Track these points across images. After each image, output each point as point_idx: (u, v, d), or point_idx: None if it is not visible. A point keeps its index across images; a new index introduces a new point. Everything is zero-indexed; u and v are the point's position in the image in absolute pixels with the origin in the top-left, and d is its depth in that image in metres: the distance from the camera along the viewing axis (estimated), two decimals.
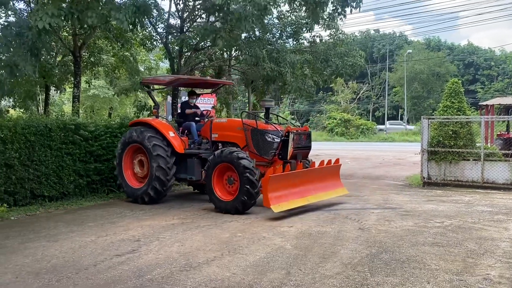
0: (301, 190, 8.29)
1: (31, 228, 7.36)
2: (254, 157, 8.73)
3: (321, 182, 8.87)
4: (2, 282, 4.75)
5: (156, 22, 14.28)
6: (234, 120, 9.95)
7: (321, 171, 8.99)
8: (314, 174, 8.80)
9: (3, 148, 8.71)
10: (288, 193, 8.00)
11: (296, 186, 8.21)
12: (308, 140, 8.96)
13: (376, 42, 60.45)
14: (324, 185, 8.93)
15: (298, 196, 8.18)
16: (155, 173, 9.16)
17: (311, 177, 8.66)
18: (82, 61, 15.89)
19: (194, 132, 9.86)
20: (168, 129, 9.69)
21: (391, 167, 17.02)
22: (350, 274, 4.81)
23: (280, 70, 13.38)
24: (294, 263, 5.23)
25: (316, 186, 8.68)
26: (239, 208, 8.09)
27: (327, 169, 9.14)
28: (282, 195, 7.87)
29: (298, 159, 8.64)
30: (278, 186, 7.79)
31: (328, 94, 55.03)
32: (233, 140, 9.23)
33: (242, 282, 4.60)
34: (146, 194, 9.32)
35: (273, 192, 7.68)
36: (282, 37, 15.41)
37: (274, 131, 8.78)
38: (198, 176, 9.37)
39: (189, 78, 10.95)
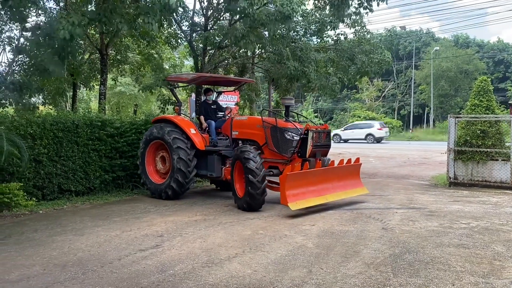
0: (319, 188, 8.27)
1: (58, 222, 7.56)
2: (273, 155, 8.85)
3: (340, 181, 8.80)
4: (30, 273, 4.90)
5: (181, 20, 14.42)
6: (254, 117, 9.94)
7: (340, 170, 8.89)
8: (333, 173, 8.71)
9: (32, 144, 8.97)
10: (305, 191, 7.98)
11: (314, 185, 8.19)
12: (327, 139, 8.88)
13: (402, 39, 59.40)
14: (343, 184, 8.84)
15: (316, 195, 8.15)
16: (176, 165, 9.30)
17: (329, 175, 8.59)
18: (109, 59, 16.18)
19: (212, 131, 9.90)
20: (189, 125, 9.83)
21: (416, 166, 16.72)
22: (373, 274, 4.76)
23: (304, 69, 13.31)
24: (316, 261, 5.21)
25: (335, 185, 8.63)
26: (245, 207, 8.26)
27: (346, 168, 9.03)
28: (299, 193, 7.87)
29: (317, 158, 8.58)
30: (295, 184, 7.80)
31: (352, 92, 54.47)
32: (253, 138, 9.28)
33: (263, 280, 4.62)
34: (169, 187, 9.47)
35: (290, 189, 7.70)
36: (306, 35, 15.30)
37: (293, 129, 8.77)
38: (218, 173, 9.53)
39: (211, 76, 11.01)
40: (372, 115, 45.56)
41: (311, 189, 8.11)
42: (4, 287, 4.49)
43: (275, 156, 8.91)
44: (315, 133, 8.54)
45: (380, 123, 36.56)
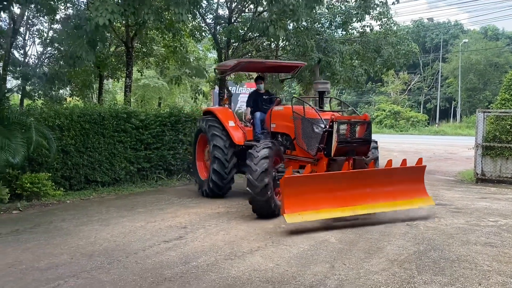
0: (344, 196, 6.56)
1: (84, 212, 7.74)
2: (302, 152, 7.78)
3: (387, 187, 6.88)
4: (58, 262, 5.03)
5: (205, 13, 14.45)
6: (289, 107, 8.22)
7: (388, 174, 7.04)
8: (373, 177, 6.88)
9: (60, 135, 9.18)
10: (318, 199, 6.36)
11: (336, 191, 6.52)
12: (367, 132, 7.27)
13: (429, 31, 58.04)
14: (393, 191, 6.93)
15: (337, 204, 6.49)
16: (212, 165, 8.69)
17: (364, 180, 6.76)
18: (134, 51, 16.36)
19: (257, 124, 8.81)
20: (228, 118, 8.93)
21: (442, 162, 16.39)
22: (396, 271, 4.70)
23: (329, 59, 13.16)
24: (338, 257, 5.18)
25: (376, 193, 6.80)
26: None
27: (397, 171, 7.13)
28: (306, 202, 6.27)
29: (350, 157, 7.11)
30: (300, 190, 6.27)
31: (377, 85, 53.61)
32: (286, 131, 8.31)
33: (285, 274, 4.62)
34: (207, 186, 8.93)
35: (291, 197, 6.20)
36: (331, 27, 15.12)
37: (319, 120, 7.35)
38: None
39: (250, 61, 9.77)
40: (397, 108, 44.79)
41: (328, 196, 6.44)
42: (34, 274, 4.63)
43: (303, 154, 7.75)
44: (344, 124, 7.04)
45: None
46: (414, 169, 7.26)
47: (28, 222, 6.99)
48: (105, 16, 7.59)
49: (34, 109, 9.59)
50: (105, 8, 7.59)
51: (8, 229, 6.50)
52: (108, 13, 7.60)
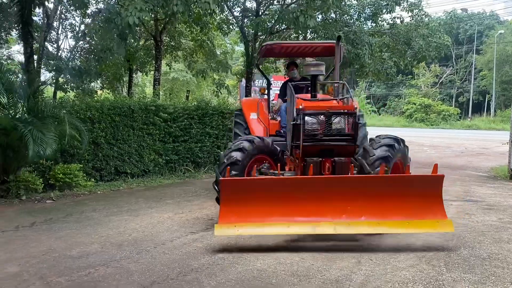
0: (303, 208, 5.16)
1: (115, 202, 7.93)
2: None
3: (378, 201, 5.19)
4: (89, 251, 5.19)
5: (233, 6, 14.45)
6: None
7: (379, 183, 5.28)
8: (350, 186, 5.26)
9: (91, 127, 9.41)
10: (265, 209, 5.14)
11: (290, 201, 5.15)
12: (349, 126, 5.76)
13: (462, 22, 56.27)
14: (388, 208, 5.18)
15: (290, 217, 5.15)
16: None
17: (338, 190, 5.20)
18: (163, 45, 16.55)
19: (282, 115, 7.65)
20: (251, 110, 8.04)
21: (474, 157, 15.96)
22: (424, 268, 4.62)
23: (358, 51, 12.96)
24: (365, 252, 5.13)
25: (357, 207, 5.18)
26: None
27: (400, 180, 5.41)
28: (249, 211, 5.14)
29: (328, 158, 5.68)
30: (243, 196, 5.15)
31: (408, 78, 52.47)
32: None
33: (311, 268, 4.61)
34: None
35: (230, 204, 5.14)
36: (360, 18, 14.87)
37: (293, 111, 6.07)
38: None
39: (276, 44, 7.94)
40: (428, 102, 43.76)
41: (281, 207, 5.16)
42: (66, 262, 4.79)
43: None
44: (314, 116, 5.60)
45: None
46: (426, 180, 5.38)
47: (60, 211, 7.22)
48: (135, 15, 7.70)
49: (67, 102, 9.86)
50: (135, 7, 7.69)
51: (42, 218, 6.73)
52: (137, 12, 7.71)
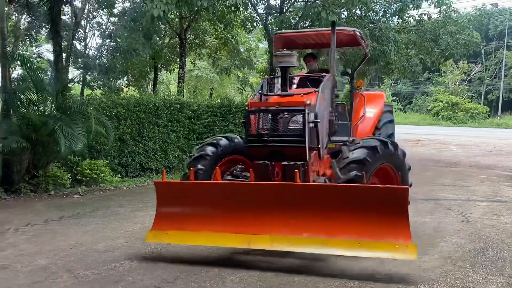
0: (240, 217, 4.58)
1: (140, 198, 8.07)
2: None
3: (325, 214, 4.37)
4: (115, 245, 5.29)
5: (257, 3, 14.46)
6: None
7: (325, 193, 4.52)
8: (293, 195, 4.51)
9: (118, 124, 9.59)
10: (200, 217, 4.71)
11: (226, 208, 4.65)
12: (297, 125, 4.89)
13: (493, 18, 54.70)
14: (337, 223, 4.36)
15: (226, 227, 4.57)
16: None
17: (279, 199, 4.51)
18: (187, 42, 16.71)
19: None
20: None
21: (503, 156, 15.52)
22: (450, 269, 4.54)
23: (383, 48, 12.77)
24: None
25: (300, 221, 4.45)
26: None
27: (354, 191, 4.41)
28: (185, 217, 4.77)
29: (279, 161, 4.91)
30: (179, 200, 4.87)
31: (435, 75, 51.41)
32: None
33: (333, 267, 4.59)
34: None
35: (164, 209, 4.88)
36: (386, 15, 14.64)
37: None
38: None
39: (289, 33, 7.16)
40: (455, 99, 42.80)
41: (218, 215, 4.67)
42: (93, 255, 4.90)
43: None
44: (259, 114, 5.02)
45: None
46: (387, 192, 4.34)
47: (87, 206, 7.40)
48: (160, 7, 7.81)
49: (94, 99, 10.08)
50: (160, 0, 7.80)
51: (70, 212, 6.91)
52: (162, 5, 7.82)
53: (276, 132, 4.90)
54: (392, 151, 5.20)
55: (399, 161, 5.29)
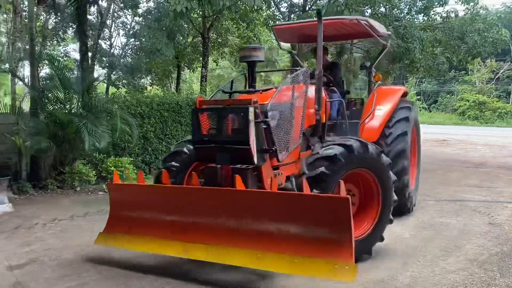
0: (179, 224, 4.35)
1: None
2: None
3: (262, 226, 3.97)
4: None
5: (280, 1, 14.43)
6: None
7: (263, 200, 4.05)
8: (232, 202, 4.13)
9: (142, 122, 9.73)
10: (147, 221, 4.53)
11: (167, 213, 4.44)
12: (240, 125, 4.35)
13: None
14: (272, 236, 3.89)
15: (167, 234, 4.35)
16: None
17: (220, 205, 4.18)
18: (210, 41, 16.81)
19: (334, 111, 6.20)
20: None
21: None
22: (476, 272, 4.44)
23: (408, 46, 12.56)
24: (413, 253, 5.00)
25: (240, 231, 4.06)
26: None
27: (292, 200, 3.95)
28: (134, 221, 4.60)
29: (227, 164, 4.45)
30: (130, 203, 4.73)
31: (461, 74, 50.28)
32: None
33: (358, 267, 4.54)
34: None
35: (116, 211, 4.80)
36: (411, 12, 14.39)
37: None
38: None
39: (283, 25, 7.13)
40: (482, 98, 41.77)
41: (161, 220, 4.44)
42: (117, 252, 4.96)
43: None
44: (205, 113, 4.63)
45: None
46: (324, 202, 3.80)
47: None
48: (183, 4, 7.89)
49: (118, 97, 10.24)
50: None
51: (95, 209, 7.04)
52: (185, 1, 7.89)
53: (222, 133, 4.48)
54: (373, 156, 4.69)
55: (381, 169, 4.76)
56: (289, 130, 4.67)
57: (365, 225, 4.77)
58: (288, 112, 4.69)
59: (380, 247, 5.16)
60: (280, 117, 4.57)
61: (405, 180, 6.24)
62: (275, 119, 4.51)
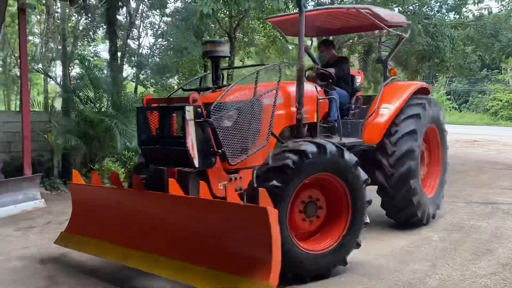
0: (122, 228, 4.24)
1: None
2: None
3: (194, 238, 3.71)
4: None
5: (306, 0, 14.34)
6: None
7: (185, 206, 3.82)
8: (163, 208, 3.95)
9: None
10: (103, 223, 4.42)
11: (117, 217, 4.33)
12: (178, 125, 4.22)
13: None
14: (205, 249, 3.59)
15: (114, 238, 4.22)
16: None
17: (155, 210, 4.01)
18: (236, 41, 16.87)
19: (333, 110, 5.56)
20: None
21: None
22: (508, 277, 4.30)
23: (438, 44, 12.27)
24: (441, 256, 4.88)
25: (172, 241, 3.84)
26: None
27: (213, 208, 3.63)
28: (93, 222, 4.53)
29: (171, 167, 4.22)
30: (89, 204, 4.68)
31: (494, 73, 48.82)
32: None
33: (382, 268, 4.49)
34: None
35: (77, 211, 4.81)
36: (442, 10, 14.05)
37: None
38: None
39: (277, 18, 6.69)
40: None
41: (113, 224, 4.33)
42: None
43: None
44: (147, 112, 4.40)
45: None
46: (242, 212, 3.43)
47: None
48: (209, 5, 7.95)
49: None
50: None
51: None
52: (212, 3, 7.95)
53: (164, 133, 4.22)
54: (335, 158, 4.13)
55: (345, 170, 4.21)
56: (249, 131, 4.34)
57: (335, 234, 4.30)
58: (249, 112, 4.35)
59: (406, 249, 5.08)
60: (238, 117, 4.28)
61: (411, 185, 5.54)
62: (230, 119, 4.22)
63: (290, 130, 4.96)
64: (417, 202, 5.66)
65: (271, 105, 4.55)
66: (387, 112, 5.71)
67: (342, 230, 4.31)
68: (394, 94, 5.90)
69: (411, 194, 5.59)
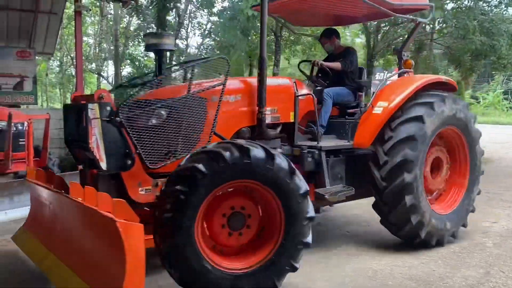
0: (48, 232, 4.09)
1: None
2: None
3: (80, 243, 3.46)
4: None
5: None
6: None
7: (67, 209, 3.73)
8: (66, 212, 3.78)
9: None
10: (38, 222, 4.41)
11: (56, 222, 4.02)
12: (82, 124, 3.72)
13: None
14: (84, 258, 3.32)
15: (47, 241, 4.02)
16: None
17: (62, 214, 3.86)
18: (282, 40, 16.84)
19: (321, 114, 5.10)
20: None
21: None
22: None
23: (493, 43, 11.69)
24: (495, 263, 4.64)
25: (64, 245, 3.70)
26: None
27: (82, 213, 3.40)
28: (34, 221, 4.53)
29: (92, 167, 4.01)
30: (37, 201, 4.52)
31: None
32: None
33: (431, 273, 4.33)
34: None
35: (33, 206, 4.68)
36: (501, 5, 13.33)
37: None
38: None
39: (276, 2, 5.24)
40: None
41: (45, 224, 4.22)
42: None
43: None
44: (67, 110, 4.21)
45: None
46: (100, 221, 3.00)
47: None
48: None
49: None
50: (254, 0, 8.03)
51: None
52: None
53: (77, 133, 3.87)
54: (261, 164, 3.45)
55: (274, 177, 3.50)
56: (179, 132, 3.91)
57: (264, 252, 3.64)
58: (180, 110, 3.91)
59: (458, 255, 4.87)
60: (168, 116, 3.87)
61: (406, 202, 4.62)
62: (159, 118, 3.85)
63: (250, 131, 4.49)
64: (417, 221, 4.72)
65: (216, 102, 4.15)
66: (380, 112, 4.82)
67: (272, 248, 3.62)
68: (395, 90, 4.97)
69: (409, 212, 4.67)
